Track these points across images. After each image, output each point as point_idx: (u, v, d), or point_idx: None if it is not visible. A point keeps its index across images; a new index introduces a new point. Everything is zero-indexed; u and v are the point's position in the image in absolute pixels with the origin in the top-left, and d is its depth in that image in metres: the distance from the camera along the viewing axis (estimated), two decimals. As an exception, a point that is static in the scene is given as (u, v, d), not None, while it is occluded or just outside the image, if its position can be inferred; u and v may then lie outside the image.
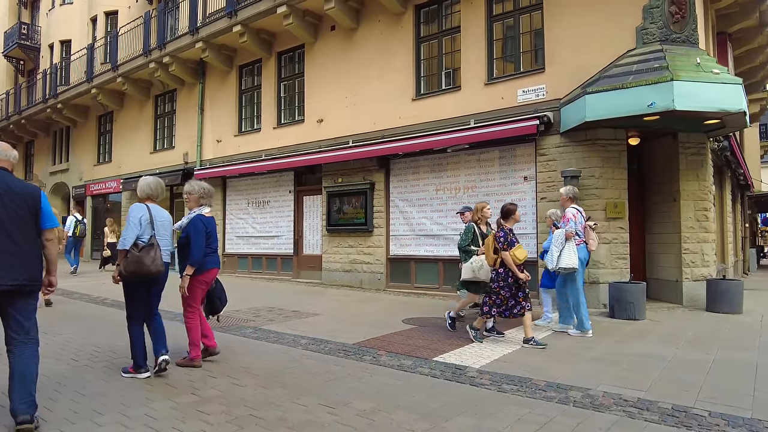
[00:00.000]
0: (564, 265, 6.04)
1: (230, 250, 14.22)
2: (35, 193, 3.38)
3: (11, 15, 25.04)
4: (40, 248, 3.40)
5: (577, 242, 6.19)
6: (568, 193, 6.49)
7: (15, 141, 24.84)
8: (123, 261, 4.23)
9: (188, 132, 15.45)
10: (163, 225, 4.47)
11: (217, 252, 4.96)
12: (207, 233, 4.58)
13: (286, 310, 7.95)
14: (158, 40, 14.99)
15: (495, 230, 5.80)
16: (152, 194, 4.56)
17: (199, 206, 4.69)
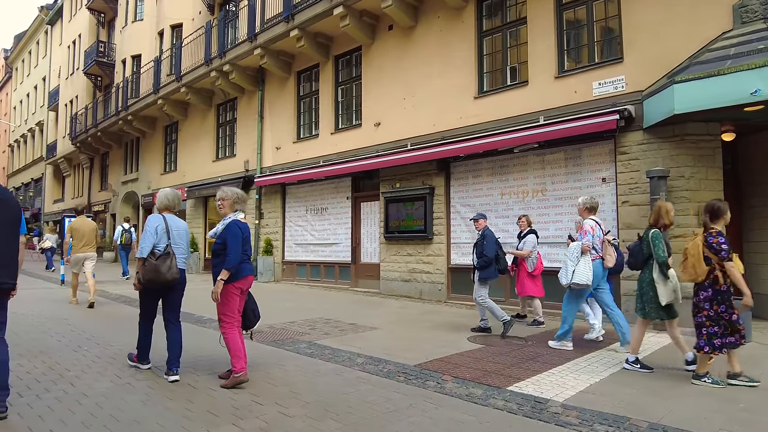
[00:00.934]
0: (578, 281, 5.58)
1: (289, 257, 14.06)
2: None
3: (91, 35, 26.46)
4: None
5: (593, 257, 5.75)
6: (586, 203, 5.95)
7: (93, 153, 26.23)
8: (141, 269, 4.45)
9: (249, 140, 15.51)
10: (179, 234, 4.68)
11: (250, 259, 4.64)
12: (243, 239, 4.39)
13: (343, 323, 7.53)
14: (218, 49, 15.15)
15: (703, 236, 4.56)
16: (170, 205, 4.79)
17: (233, 212, 4.51)
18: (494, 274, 6.63)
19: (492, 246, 6.61)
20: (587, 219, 5.87)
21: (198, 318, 7.88)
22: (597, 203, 6.08)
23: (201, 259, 17.43)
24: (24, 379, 4.38)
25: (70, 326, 6.93)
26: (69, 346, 5.69)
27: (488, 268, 6.58)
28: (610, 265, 5.93)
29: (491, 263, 6.56)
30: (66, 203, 30.17)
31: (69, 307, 8.81)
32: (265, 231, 14.63)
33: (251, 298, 4.74)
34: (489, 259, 6.54)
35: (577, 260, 5.63)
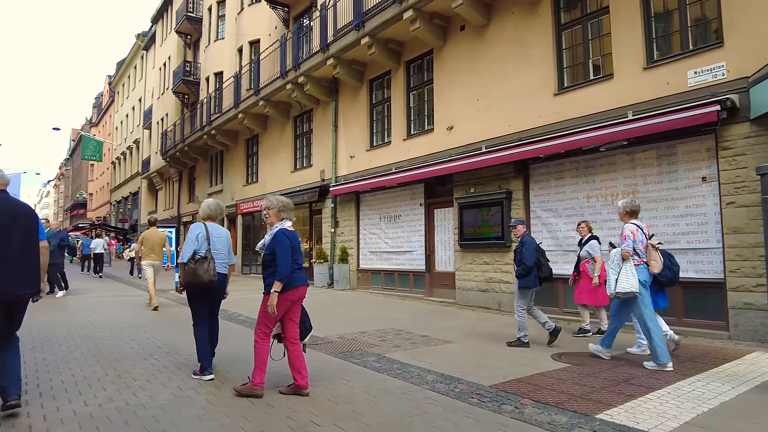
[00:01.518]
0: (622, 290, 5.28)
1: (364, 265, 13.98)
2: None
3: (179, 56, 28.21)
4: None
5: (636, 263, 5.42)
6: (626, 206, 5.67)
7: (181, 167, 27.82)
8: (182, 273, 4.72)
9: (324, 150, 15.68)
10: (219, 240, 4.95)
11: (302, 268, 4.49)
12: (292, 248, 4.28)
13: (415, 335, 7.22)
14: (293, 62, 15.46)
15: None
16: (212, 215, 5.10)
17: (280, 221, 4.43)
18: (534, 282, 6.40)
19: (531, 253, 6.37)
20: (627, 223, 5.58)
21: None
22: (638, 206, 5.73)
23: (280, 268, 17.80)
24: (93, 387, 4.47)
25: (146, 334, 7.16)
26: (141, 354, 5.82)
27: (527, 277, 6.37)
28: (656, 271, 5.53)
29: (530, 271, 6.34)
30: (159, 215, 32.23)
31: (149, 314, 9.16)
32: (341, 239, 14.66)
33: (303, 310, 4.57)
34: (528, 267, 6.33)
35: (618, 268, 5.37)
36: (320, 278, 14.74)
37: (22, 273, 3.77)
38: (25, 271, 3.80)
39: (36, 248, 3.92)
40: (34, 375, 4.83)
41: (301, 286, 4.38)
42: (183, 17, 26.40)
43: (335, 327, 7.84)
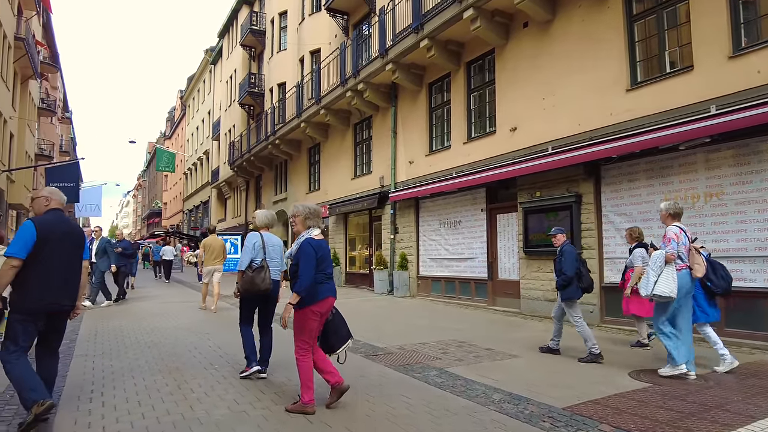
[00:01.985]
0: (660, 293, 5.15)
1: (424, 272, 13.70)
2: None
3: (244, 68, 29.17)
4: None
5: (678, 267, 5.26)
6: (669, 208, 5.52)
7: (248, 176, 28.67)
8: (240, 280, 5.03)
9: (383, 156, 15.59)
10: (274, 249, 5.28)
11: (332, 278, 4.33)
12: (318, 258, 4.08)
13: (479, 347, 6.87)
14: (352, 69, 15.49)
15: None
16: (268, 224, 5.48)
17: (306, 229, 4.28)
18: (576, 293, 6.24)
19: (571, 263, 6.20)
20: (671, 225, 5.41)
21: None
22: (681, 209, 5.58)
23: (343, 274, 17.86)
24: (152, 398, 4.47)
25: (209, 341, 7.22)
26: (202, 363, 5.83)
27: (569, 287, 6.22)
28: (699, 275, 5.36)
29: (571, 281, 6.19)
30: (227, 222, 33.40)
31: (213, 321, 9.29)
32: (400, 246, 14.47)
33: (338, 317, 4.44)
34: (567, 277, 6.18)
35: (659, 270, 5.22)
36: (380, 285, 14.60)
37: (67, 286, 3.97)
38: (70, 285, 4.01)
39: (80, 265, 4.15)
40: (100, 383, 4.93)
41: (329, 298, 4.20)
42: (247, 30, 27.27)
43: (395, 337, 7.63)
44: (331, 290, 4.23)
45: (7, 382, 4.30)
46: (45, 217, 3.98)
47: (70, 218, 4.24)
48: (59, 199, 4.12)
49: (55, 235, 3.89)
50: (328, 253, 4.30)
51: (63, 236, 3.96)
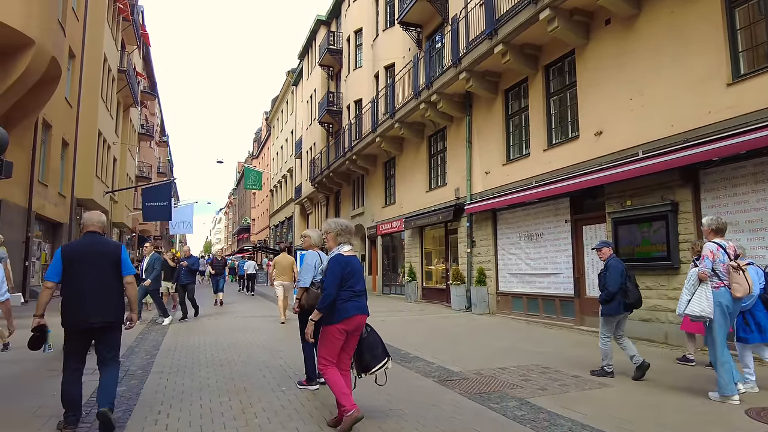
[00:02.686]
0: (691, 312, 5.06)
1: (503, 288, 13.03)
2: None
3: (323, 88, 29.93)
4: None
5: (715, 285, 5.07)
6: (711, 224, 5.31)
7: (328, 192, 29.22)
8: (304, 296, 5.19)
9: (458, 167, 15.17)
10: None
11: (364, 296, 4.27)
12: (345, 274, 4.10)
13: (565, 374, 6.26)
14: (425, 80, 15.26)
15: None
16: (319, 244, 5.68)
17: (337, 245, 4.31)
18: (617, 309, 6.05)
19: (616, 278, 6.02)
20: (709, 242, 5.25)
21: (404, 355, 7.47)
22: (725, 224, 5.35)
23: (419, 288, 17.52)
24: (215, 422, 4.37)
25: (281, 360, 7.15)
26: (270, 384, 5.72)
27: (610, 303, 6.05)
28: (739, 295, 5.05)
29: (613, 297, 6.02)
30: (309, 238, 34.15)
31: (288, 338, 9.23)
32: (478, 260, 13.90)
33: (373, 336, 4.36)
34: (610, 292, 6.02)
35: (693, 288, 5.12)
36: (457, 301, 14.10)
37: (96, 304, 4.07)
38: (101, 303, 4.10)
39: (113, 282, 4.23)
40: (168, 403, 4.93)
41: (356, 316, 4.12)
42: (325, 50, 27.98)
43: (471, 360, 7.17)
44: (359, 308, 4.16)
45: (89, 392, 4.76)
46: (75, 241, 4.28)
47: (104, 238, 4.43)
48: (95, 223, 4.33)
49: (80, 256, 4.13)
50: (358, 270, 4.25)
51: (90, 257, 4.14)
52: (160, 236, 51.69)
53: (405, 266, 18.35)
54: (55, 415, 4.28)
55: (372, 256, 22.87)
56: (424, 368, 6.59)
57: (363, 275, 4.38)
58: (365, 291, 4.32)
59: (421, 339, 9.04)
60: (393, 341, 8.55)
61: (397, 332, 9.78)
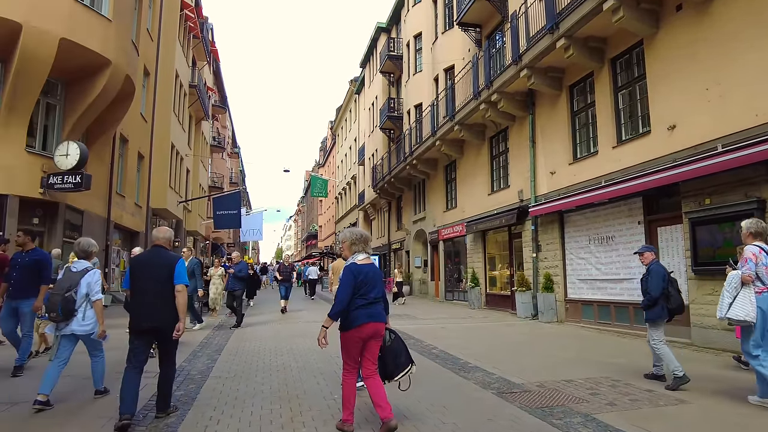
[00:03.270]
0: (734, 316, 4.94)
1: (572, 295, 12.37)
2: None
3: (384, 94, 30.09)
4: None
5: (758, 290, 4.92)
6: (750, 227, 5.21)
7: (389, 197, 29.25)
8: None
9: (521, 168, 14.65)
10: None
11: (379, 304, 4.32)
12: (358, 283, 4.18)
13: (636, 388, 5.76)
14: (485, 80, 14.88)
15: None
16: None
17: (353, 254, 4.42)
18: (661, 314, 6.00)
19: (658, 283, 5.98)
20: (750, 245, 5.09)
21: (463, 365, 7.19)
22: (764, 228, 5.19)
23: (482, 294, 17.05)
24: (263, 430, 4.34)
25: (336, 366, 7.03)
26: (323, 392, 5.64)
27: (653, 308, 6.02)
28: None
29: (656, 302, 5.98)
30: (374, 243, 34.35)
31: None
32: (544, 265, 13.31)
33: (398, 343, 4.49)
34: (652, 297, 5.99)
35: (735, 291, 5.00)
36: (523, 308, 13.56)
37: (149, 310, 4.45)
38: (153, 309, 4.45)
39: (165, 291, 4.52)
40: (221, 409, 4.96)
41: (369, 324, 4.17)
42: (385, 57, 28.13)
43: (536, 370, 6.78)
44: (370, 316, 4.19)
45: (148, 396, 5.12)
46: (141, 253, 5.00)
47: (166, 252, 4.76)
48: (160, 238, 4.80)
49: (142, 267, 4.66)
50: (373, 278, 4.29)
51: (149, 268, 4.60)
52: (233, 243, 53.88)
53: (468, 272, 17.94)
54: (114, 417, 4.40)
55: (434, 261, 22.58)
56: (484, 379, 6.29)
57: (380, 282, 4.40)
58: (381, 298, 4.35)
59: (482, 348, 8.70)
60: (452, 349, 8.31)
61: (457, 340, 9.50)
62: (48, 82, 12.51)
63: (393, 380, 4.41)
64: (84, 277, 5.03)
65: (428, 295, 23.14)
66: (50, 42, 11.36)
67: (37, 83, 11.71)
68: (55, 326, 5.00)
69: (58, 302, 4.84)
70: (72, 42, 11.71)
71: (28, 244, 6.58)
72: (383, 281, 4.93)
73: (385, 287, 4.57)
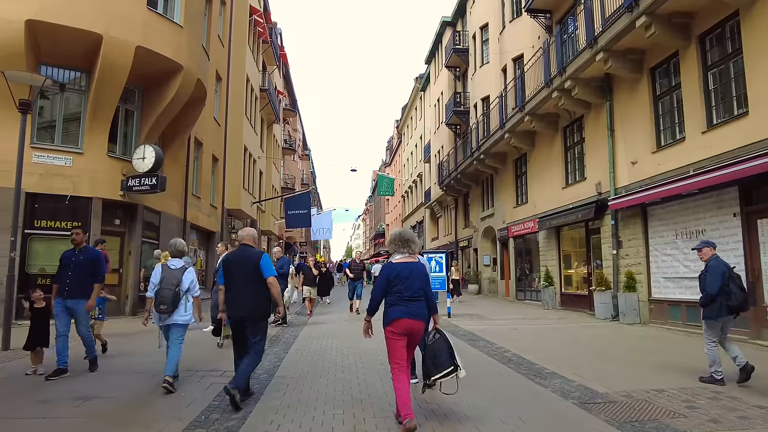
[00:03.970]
0: None
1: (657, 294, 11.39)
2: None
3: (449, 89, 29.52)
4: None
5: None
6: None
7: (456, 194, 28.67)
8: None
9: (599, 159, 13.74)
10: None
11: (416, 301, 4.37)
12: (391, 280, 4.40)
13: (743, 402, 5.07)
14: (557, 66, 14.08)
15: None
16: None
17: (393, 253, 4.70)
18: (720, 312, 5.78)
19: (716, 279, 5.77)
20: None
21: (539, 370, 6.69)
22: None
23: (557, 294, 16.19)
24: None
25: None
26: (384, 398, 5.33)
27: (711, 306, 5.84)
28: None
29: (713, 299, 5.79)
30: (440, 241, 33.88)
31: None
32: (625, 262, 12.37)
33: (441, 342, 4.55)
34: (709, 295, 5.83)
35: None
36: (602, 309, 12.67)
37: (240, 302, 5.09)
38: (243, 301, 5.08)
39: (254, 284, 5.10)
40: (282, 412, 4.81)
41: (402, 320, 4.29)
42: (451, 51, 27.58)
43: (620, 378, 6.17)
44: (405, 312, 4.30)
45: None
46: (232, 251, 5.60)
47: (251, 249, 5.31)
48: (245, 237, 5.40)
49: (232, 264, 5.26)
50: (410, 276, 4.38)
51: (238, 264, 5.19)
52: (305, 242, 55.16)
53: (540, 270, 17.12)
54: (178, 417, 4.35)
55: (504, 259, 21.80)
56: (563, 387, 5.78)
57: (420, 279, 4.43)
58: (421, 296, 4.38)
59: (559, 352, 8.11)
60: (526, 353, 7.81)
61: (531, 343, 8.96)
62: (126, 89, 13.13)
63: (431, 380, 4.47)
64: (185, 274, 5.71)
65: (498, 294, 22.39)
66: (127, 50, 11.87)
67: (116, 90, 12.28)
68: (158, 317, 5.61)
69: (169, 297, 5.51)
70: (147, 49, 12.19)
71: (82, 243, 6.55)
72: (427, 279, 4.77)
73: (429, 285, 4.54)
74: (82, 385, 5.78)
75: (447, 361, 4.42)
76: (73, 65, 12.35)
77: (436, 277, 13.63)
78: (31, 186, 11.64)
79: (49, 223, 11.95)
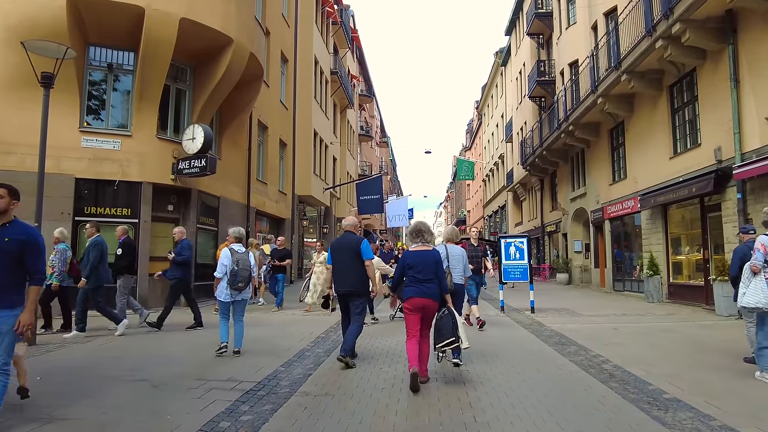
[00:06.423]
0: (747, 304, 5.16)
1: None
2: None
3: (532, 59, 26.93)
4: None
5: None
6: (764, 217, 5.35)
7: (542, 174, 26.16)
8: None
9: (718, 119, 11.16)
10: (455, 258, 6.27)
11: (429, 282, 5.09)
12: (405, 265, 5.24)
13: None
14: (662, 8, 11.56)
15: None
16: (450, 238, 6.63)
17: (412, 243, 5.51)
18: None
19: (734, 263, 5.81)
20: (762, 235, 5.19)
21: (653, 393, 4.79)
22: None
23: (664, 284, 13.66)
24: None
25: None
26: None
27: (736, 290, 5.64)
28: None
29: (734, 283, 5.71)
30: (524, 226, 31.38)
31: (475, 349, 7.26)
32: (759, 245, 9.80)
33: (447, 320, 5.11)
34: (730, 278, 5.98)
35: (748, 281, 5.16)
36: (725, 303, 10.17)
37: (346, 278, 6.10)
38: (347, 278, 6.09)
39: (355, 264, 6.08)
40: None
41: (414, 298, 5.07)
42: (533, 16, 25.15)
43: None
44: (416, 292, 5.08)
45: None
46: (338, 237, 6.71)
47: (353, 235, 6.32)
48: (347, 225, 6.41)
49: (337, 247, 6.30)
50: (423, 261, 5.16)
51: (342, 248, 6.20)
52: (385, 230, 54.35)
53: (643, 256, 14.59)
54: None
55: (598, 245, 19.23)
56: (694, 426, 3.90)
57: (434, 265, 5.18)
58: (431, 278, 5.11)
59: (678, 364, 5.98)
60: (633, 366, 5.82)
61: (637, 349, 6.93)
62: (177, 67, 12.42)
63: (438, 347, 5.13)
64: (249, 257, 6.70)
65: (591, 284, 19.89)
66: (171, 23, 11.08)
67: (162, 67, 11.55)
68: (231, 294, 6.48)
69: (246, 276, 6.55)
70: (192, 21, 11.33)
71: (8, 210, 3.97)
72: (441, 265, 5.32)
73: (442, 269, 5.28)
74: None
75: (449, 333, 5.06)
76: (119, 44, 11.78)
77: (517, 265, 11.79)
78: (81, 171, 11.23)
79: (99, 210, 11.49)
